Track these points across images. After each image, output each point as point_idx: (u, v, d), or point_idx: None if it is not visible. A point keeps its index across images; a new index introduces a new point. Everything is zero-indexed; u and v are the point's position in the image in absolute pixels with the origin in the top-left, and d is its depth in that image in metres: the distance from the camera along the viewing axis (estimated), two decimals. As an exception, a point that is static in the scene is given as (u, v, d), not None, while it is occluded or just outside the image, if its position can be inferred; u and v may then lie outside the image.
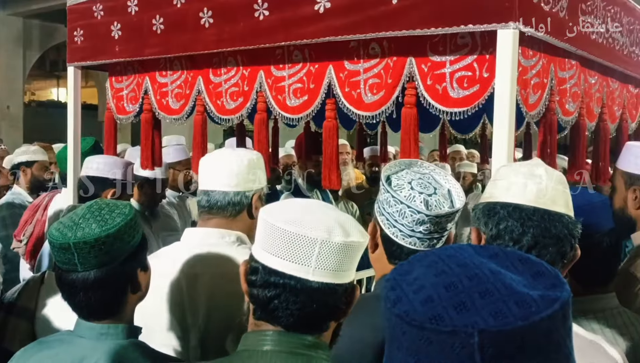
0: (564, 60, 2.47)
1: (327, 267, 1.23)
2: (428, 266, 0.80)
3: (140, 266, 1.66)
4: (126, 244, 1.59)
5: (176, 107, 3.08)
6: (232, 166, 2.07)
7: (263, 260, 1.27)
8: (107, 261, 1.56)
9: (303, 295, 1.24)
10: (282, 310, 1.25)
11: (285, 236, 1.23)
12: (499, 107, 2.04)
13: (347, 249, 1.25)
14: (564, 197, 1.51)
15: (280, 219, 1.25)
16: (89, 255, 1.53)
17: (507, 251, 0.83)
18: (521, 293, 0.73)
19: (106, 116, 3.43)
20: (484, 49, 2.15)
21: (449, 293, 0.74)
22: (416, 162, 1.71)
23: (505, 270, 0.77)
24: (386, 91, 2.39)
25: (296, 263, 1.23)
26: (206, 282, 1.97)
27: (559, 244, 1.47)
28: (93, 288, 1.56)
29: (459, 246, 0.85)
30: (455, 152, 6.39)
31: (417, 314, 0.74)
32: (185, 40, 2.82)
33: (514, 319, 0.70)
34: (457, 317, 0.71)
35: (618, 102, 3.11)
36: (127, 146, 5.47)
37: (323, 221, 1.25)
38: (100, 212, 1.59)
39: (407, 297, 0.76)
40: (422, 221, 1.53)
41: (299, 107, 2.66)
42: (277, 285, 1.25)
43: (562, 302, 0.73)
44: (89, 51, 3.26)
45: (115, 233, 1.55)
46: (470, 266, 0.77)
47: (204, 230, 2.10)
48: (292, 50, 2.65)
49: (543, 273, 0.78)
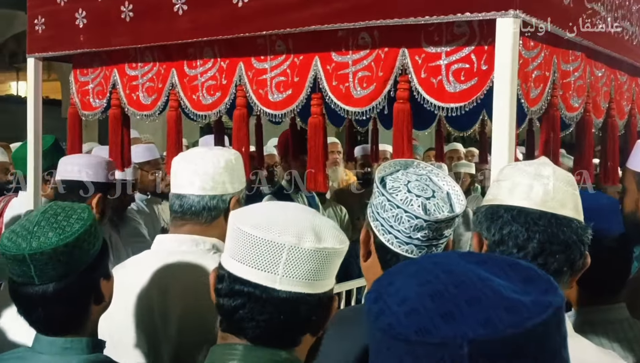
0: (568, 51, 2.48)
1: (296, 275, 1.22)
2: (412, 275, 0.81)
3: (102, 275, 1.63)
4: (86, 252, 1.56)
5: (147, 102, 3.06)
6: (207, 167, 2.04)
7: (229, 267, 1.26)
8: (66, 272, 1.53)
9: (270, 305, 1.22)
10: (247, 321, 1.24)
11: (250, 242, 1.22)
12: (499, 103, 2.05)
13: (320, 256, 1.23)
14: (573, 200, 1.50)
15: (247, 223, 1.24)
16: (47, 266, 1.50)
17: (495, 257, 0.84)
18: (511, 299, 0.73)
19: (70, 112, 3.40)
20: (483, 40, 2.16)
21: (435, 302, 0.74)
22: (412, 162, 1.69)
23: (493, 276, 0.78)
24: (377, 85, 2.38)
25: (262, 271, 1.22)
26: (179, 294, 1.95)
27: (568, 251, 1.47)
28: (53, 302, 1.53)
29: (444, 254, 0.87)
30: (452, 151, 6.41)
31: (401, 327, 0.74)
32: (157, 29, 2.80)
33: (505, 327, 0.70)
34: (445, 328, 0.72)
35: (627, 97, 3.12)
36: (93, 145, 5.43)
37: (293, 225, 1.24)
38: (56, 218, 1.55)
39: (390, 309, 0.77)
40: (420, 227, 1.51)
41: (282, 103, 2.64)
42: (242, 293, 1.23)
43: (556, 307, 0.74)
44: (51, 40, 3.22)
45: (75, 241, 1.52)
46: (457, 273, 0.78)
47: (177, 237, 2.08)
48: (274, 40, 2.64)
49: (534, 278, 0.79)
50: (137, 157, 4.12)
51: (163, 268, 2.00)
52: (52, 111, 11.61)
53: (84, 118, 3.37)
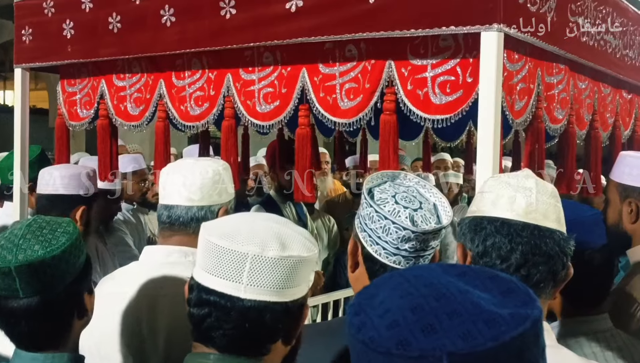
0: (552, 64, 2.51)
1: (260, 284, 1.24)
2: (393, 288, 0.82)
3: (86, 289, 1.62)
4: (72, 265, 1.55)
5: (135, 113, 3.06)
6: (195, 178, 2.04)
7: (198, 277, 1.29)
8: (52, 286, 1.52)
9: (235, 314, 1.24)
10: (214, 330, 1.26)
11: (216, 251, 1.25)
12: (484, 114, 2.07)
13: (285, 264, 1.25)
14: (555, 211, 1.52)
15: (213, 233, 1.27)
16: (32, 279, 1.49)
17: (476, 269, 0.85)
18: (490, 312, 0.75)
19: (57, 123, 3.39)
20: (468, 53, 2.18)
21: (416, 315, 0.75)
22: (399, 174, 1.70)
23: (473, 288, 0.79)
24: (364, 97, 2.40)
25: (227, 280, 1.24)
26: (167, 305, 1.95)
27: (550, 262, 1.49)
28: (37, 316, 1.51)
29: (426, 266, 0.87)
30: (439, 161, 6.42)
31: (382, 340, 0.75)
32: (145, 40, 2.81)
33: (484, 340, 0.72)
34: (425, 341, 0.73)
35: (610, 109, 3.16)
36: (81, 155, 5.41)
37: (258, 234, 1.26)
38: (41, 231, 1.54)
39: (372, 322, 0.77)
40: (407, 238, 1.53)
41: (269, 114, 2.66)
42: (208, 303, 1.26)
43: (533, 320, 0.75)
44: (38, 51, 3.22)
45: (61, 254, 1.52)
46: (437, 286, 0.79)
47: (165, 248, 2.08)
48: (262, 51, 2.65)
49: (513, 290, 0.80)
50: (123, 167, 4.11)
51: (151, 279, 2.00)
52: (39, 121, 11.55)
53: (71, 129, 3.36)
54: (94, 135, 3.23)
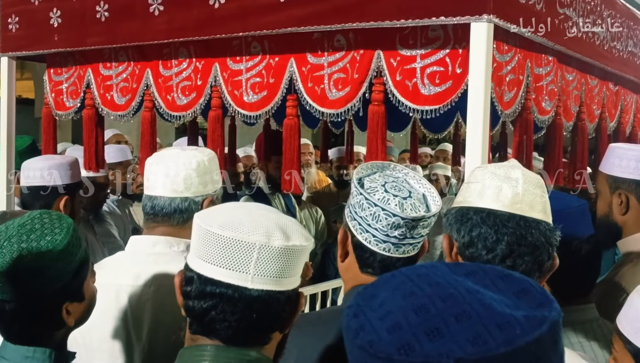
0: (541, 55, 2.51)
1: (267, 274, 1.23)
2: (395, 288, 0.75)
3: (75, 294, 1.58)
4: (62, 272, 1.51)
5: (122, 102, 3.04)
6: (178, 169, 2.01)
7: (198, 268, 1.26)
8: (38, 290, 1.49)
9: (242, 304, 1.23)
10: (219, 322, 1.24)
11: (220, 242, 1.23)
12: (473, 105, 2.07)
13: (289, 254, 1.24)
14: (541, 202, 1.53)
15: (214, 223, 1.25)
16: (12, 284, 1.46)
17: (486, 268, 0.79)
18: (503, 315, 0.68)
19: (44, 112, 3.37)
20: (457, 43, 2.18)
21: (420, 317, 0.69)
22: (389, 165, 1.72)
23: (484, 288, 0.73)
24: (352, 87, 2.39)
25: (233, 271, 1.22)
26: (152, 296, 1.94)
27: (536, 253, 1.49)
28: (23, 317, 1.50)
29: (430, 264, 0.80)
30: (440, 151, 6.52)
31: (383, 344, 0.69)
32: (133, 29, 2.79)
33: (496, 345, 0.66)
34: (430, 345, 0.67)
35: (597, 101, 3.17)
36: (67, 145, 5.38)
37: (261, 224, 1.25)
38: (28, 236, 1.49)
39: (371, 325, 0.72)
40: (397, 224, 1.53)
41: (257, 104, 2.65)
42: (213, 295, 1.24)
43: (551, 323, 0.69)
44: (25, 39, 3.19)
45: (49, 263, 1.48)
46: (444, 286, 0.73)
47: (150, 238, 2.06)
48: (250, 41, 2.64)
49: (528, 291, 0.74)
50: (108, 158, 4.09)
51: (137, 269, 1.99)
52: (25, 111, 11.47)
53: (57, 118, 3.34)
54: (80, 125, 3.20)
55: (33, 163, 2.89)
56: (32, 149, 3.75)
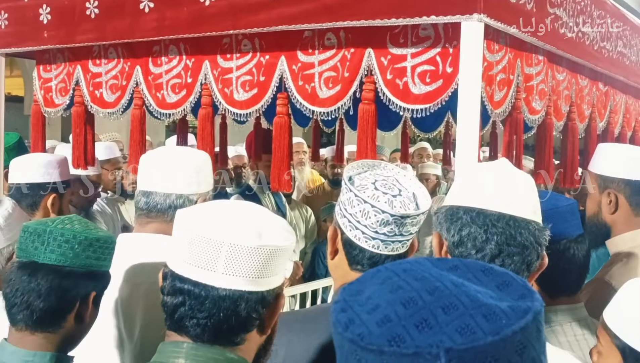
0: (531, 55, 2.52)
1: (237, 273, 1.21)
2: (382, 283, 0.77)
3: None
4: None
5: (111, 99, 3.03)
6: (175, 165, 2.03)
7: (172, 265, 1.27)
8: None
9: (209, 302, 1.22)
10: (188, 319, 1.24)
11: (191, 239, 1.22)
12: (464, 105, 2.07)
13: (262, 253, 1.22)
14: (531, 202, 1.53)
15: (189, 220, 1.25)
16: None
17: (467, 262, 0.81)
18: (489, 305, 0.70)
19: (33, 109, 3.35)
20: (448, 42, 2.18)
21: (408, 310, 0.71)
22: (379, 164, 1.73)
23: (467, 282, 0.75)
24: (343, 85, 2.39)
25: (201, 268, 1.21)
26: (143, 293, 1.93)
27: (525, 252, 1.49)
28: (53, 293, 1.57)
29: (414, 260, 0.82)
30: (421, 149, 6.52)
31: (373, 337, 0.70)
32: (123, 26, 2.77)
33: (484, 334, 0.68)
34: (420, 337, 0.68)
35: (587, 101, 3.18)
36: (55, 143, 5.36)
37: (235, 222, 1.24)
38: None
39: (360, 319, 0.73)
40: (386, 221, 1.54)
41: (247, 102, 2.64)
42: (182, 291, 1.24)
43: (535, 312, 0.71)
44: (14, 36, 3.17)
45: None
46: (430, 280, 0.74)
47: (142, 236, 2.06)
48: (240, 39, 2.64)
49: (509, 283, 0.77)
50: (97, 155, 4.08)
51: (127, 267, 1.98)
52: (15, 108, 11.40)
53: (46, 115, 3.32)
54: (69, 123, 3.19)
55: (21, 161, 2.89)
56: (19, 146, 3.74)
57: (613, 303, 1.64)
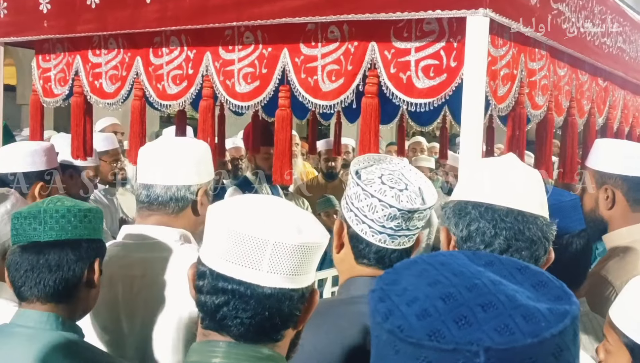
0: (534, 50, 2.52)
1: (280, 271, 1.21)
2: (418, 275, 0.77)
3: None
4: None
5: (111, 90, 3.01)
6: (175, 157, 2.03)
7: (210, 263, 1.24)
8: None
9: (254, 301, 1.21)
10: (231, 318, 1.23)
11: (234, 237, 1.21)
12: (468, 99, 2.07)
13: (304, 251, 1.22)
14: (539, 197, 1.53)
15: (229, 218, 1.23)
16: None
17: (502, 259, 0.81)
18: (528, 307, 0.70)
19: (32, 99, 3.33)
20: (452, 37, 2.18)
21: (447, 305, 0.71)
22: (385, 158, 1.74)
23: (504, 279, 0.75)
24: (346, 79, 2.39)
25: (246, 267, 1.20)
26: (145, 285, 1.94)
27: (533, 247, 1.50)
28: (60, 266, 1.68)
29: (449, 253, 0.81)
30: (415, 143, 6.53)
31: (413, 330, 0.70)
32: (124, 17, 2.75)
33: (523, 336, 0.67)
34: (459, 333, 0.68)
35: (587, 96, 3.19)
36: (51, 133, 5.33)
37: (276, 220, 1.23)
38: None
39: (399, 310, 0.73)
40: (393, 216, 1.54)
41: (249, 94, 2.63)
42: (225, 291, 1.22)
43: (573, 316, 0.71)
44: (14, 26, 3.15)
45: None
46: (468, 276, 0.74)
47: (143, 227, 2.05)
48: (242, 31, 2.62)
49: (545, 284, 0.76)
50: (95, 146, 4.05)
51: (129, 259, 1.98)
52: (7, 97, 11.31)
53: (45, 105, 3.30)
54: (62, 113, 3.17)
55: (8, 150, 2.91)
56: (5, 133, 3.70)
57: (619, 301, 1.65)
